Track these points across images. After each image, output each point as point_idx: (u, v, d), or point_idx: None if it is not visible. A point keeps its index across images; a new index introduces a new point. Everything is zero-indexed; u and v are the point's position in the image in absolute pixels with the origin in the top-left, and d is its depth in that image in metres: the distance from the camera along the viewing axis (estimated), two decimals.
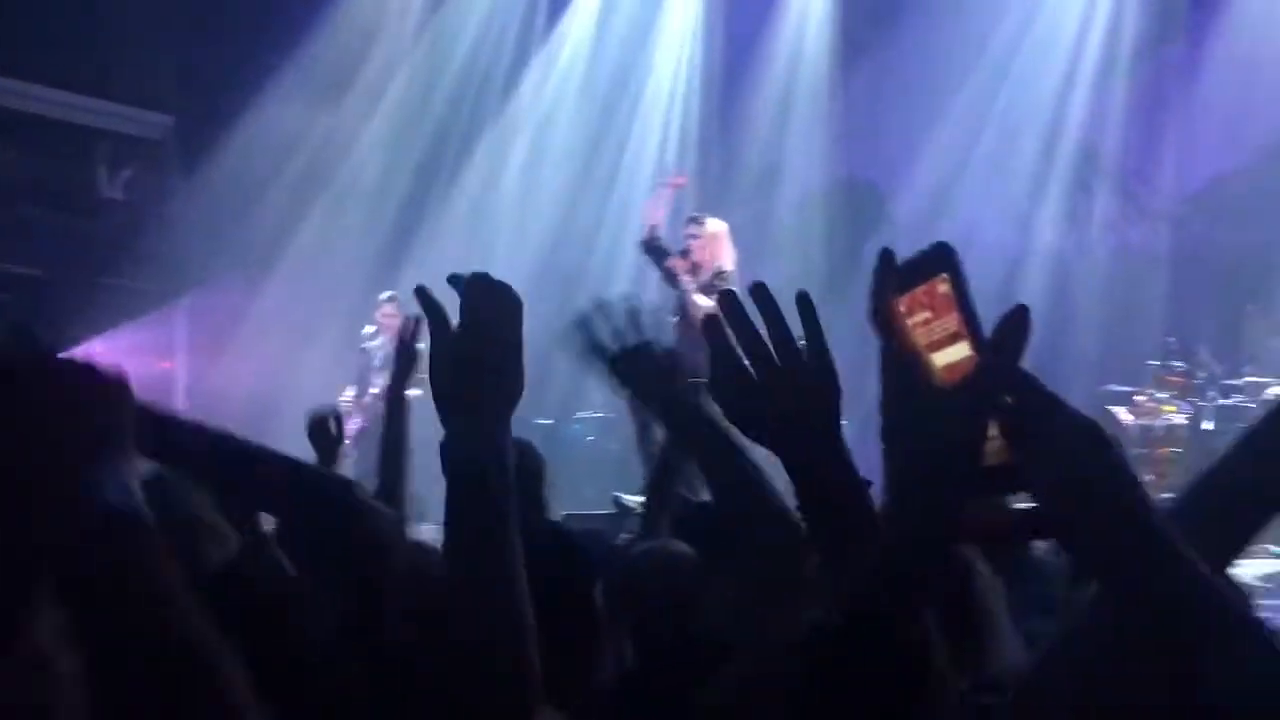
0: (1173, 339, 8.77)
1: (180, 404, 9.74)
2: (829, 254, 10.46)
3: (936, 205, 10.09)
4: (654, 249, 7.19)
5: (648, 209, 7.45)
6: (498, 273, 1.41)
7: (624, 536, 3.31)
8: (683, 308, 6.84)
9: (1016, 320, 1.00)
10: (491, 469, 1.32)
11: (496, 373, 1.35)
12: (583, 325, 1.90)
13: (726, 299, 1.14)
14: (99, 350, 9.22)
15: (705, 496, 2.23)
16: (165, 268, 9.77)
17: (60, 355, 1.11)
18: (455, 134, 10.77)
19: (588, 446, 9.11)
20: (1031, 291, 9.74)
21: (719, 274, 6.84)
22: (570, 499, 5.88)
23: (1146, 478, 8.10)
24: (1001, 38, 10.02)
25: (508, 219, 10.79)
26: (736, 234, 9.67)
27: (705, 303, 6.65)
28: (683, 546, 2.27)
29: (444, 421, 1.35)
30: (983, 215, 10.09)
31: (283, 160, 10.20)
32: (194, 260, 9.91)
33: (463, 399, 1.34)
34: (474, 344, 1.35)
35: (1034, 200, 10.05)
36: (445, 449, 1.34)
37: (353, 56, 10.54)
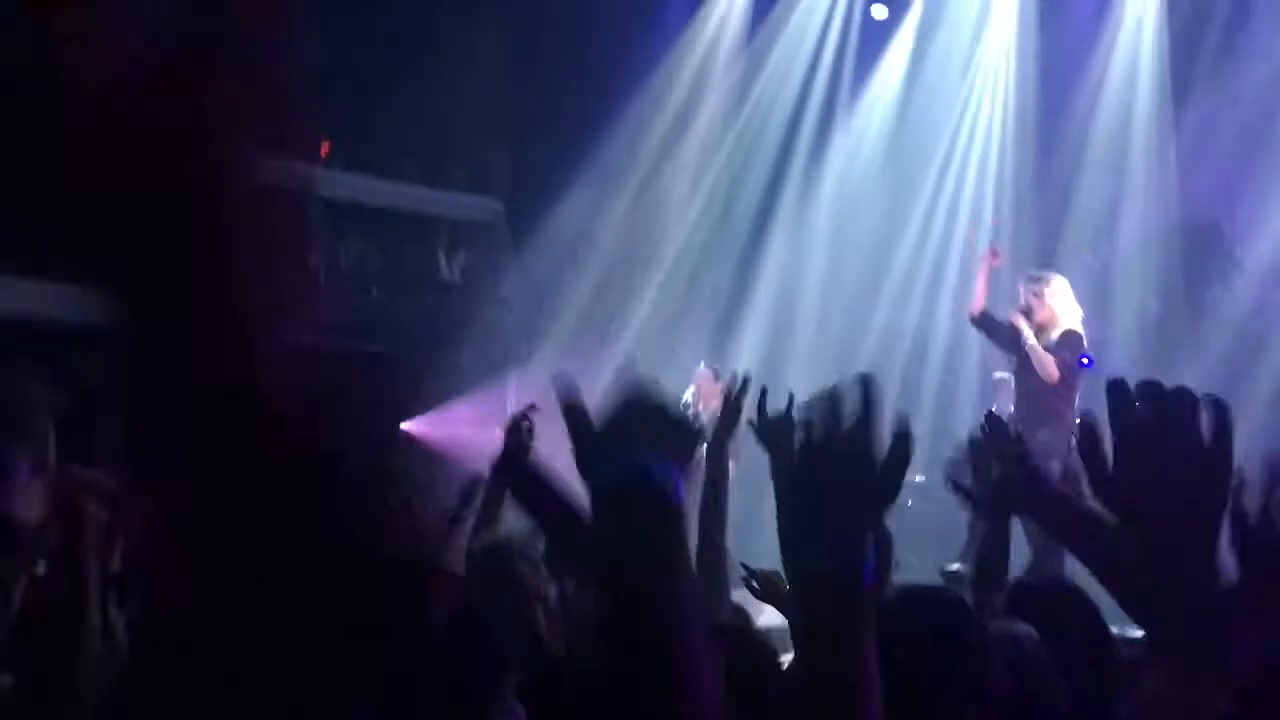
0: None
1: None
2: (1168, 303, 9.79)
3: None
4: (986, 322, 7.13)
5: (977, 288, 7.27)
6: (802, 335, 1.38)
7: None
8: (1024, 368, 6.67)
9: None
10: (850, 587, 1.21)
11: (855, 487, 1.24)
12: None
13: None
14: (441, 418, 9.90)
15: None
16: (497, 344, 10.37)
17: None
18: (766, 211, 10.91)
19: (907, 512, 8.87)
20: None
21: (1066, 333, 6.68)
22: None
23: None
24: None
25: (815, 276, 10.77)
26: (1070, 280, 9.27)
27: (1050, 364, 6.50)
28: (1027, 628, 2.16)
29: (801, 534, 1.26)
30: None
31: (600, 242, 10.66)
32: (522, 335, 10.48)
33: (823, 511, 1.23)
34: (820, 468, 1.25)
35: None
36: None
37: (668, 142, 10.91)
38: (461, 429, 9.98)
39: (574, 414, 1.35)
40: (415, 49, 9.99)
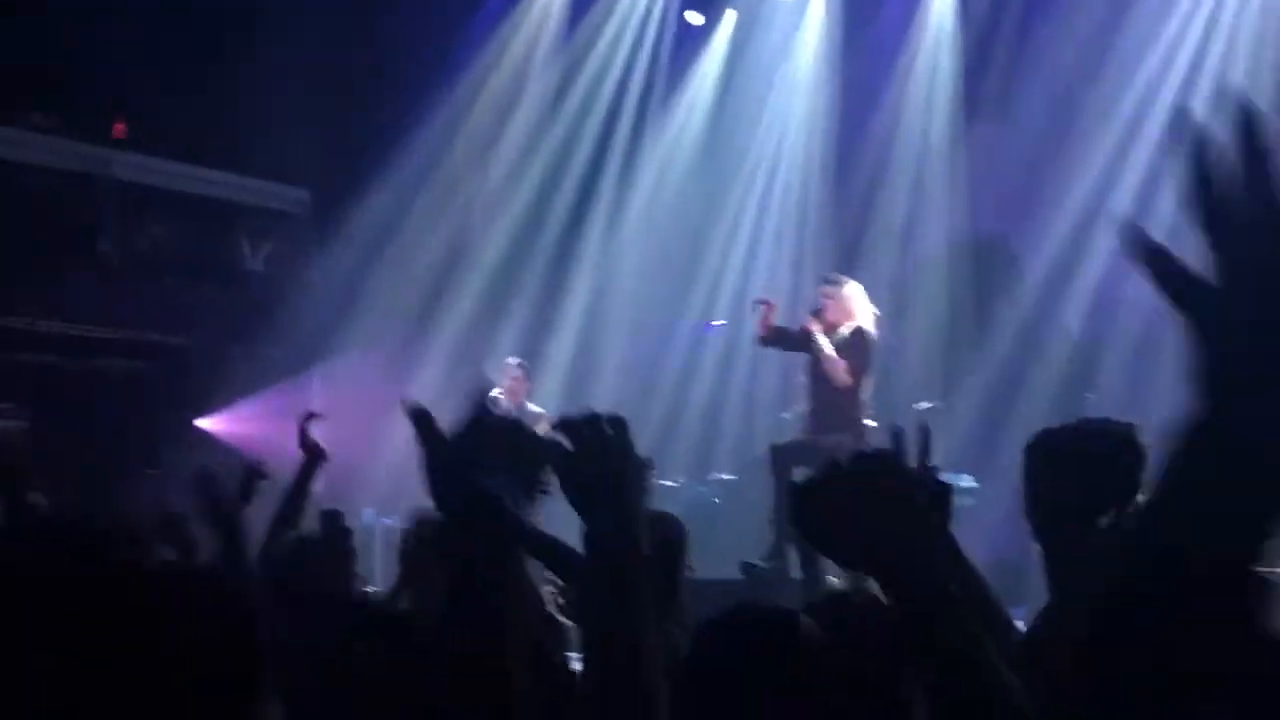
0: None
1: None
2: (958, 313, 10.31)
3: (1070, 261, 9.85)
4: (775, 336, 7.14)
5: (758, 324, 7.22)
6: (613, 335, 1.45)
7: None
8: (816, 372, 6.82)
9: None
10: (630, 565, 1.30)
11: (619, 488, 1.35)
12: None
13: None
14: (240, 414, 9.57)
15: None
16: (301, 336, 10.10)
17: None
18: (581, 211, 10.96)
19: (713, 509, 9.08)
20: (1171, 346, 9.43)
21: (856, 331, 6.79)
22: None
23: None
24: (1136, 90, 9.78)
25: (625, 279, 10.89)
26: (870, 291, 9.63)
27: (840, 368, 6.63)
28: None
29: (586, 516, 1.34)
30: (1119, 272, 9.81)
31: (409, 233, 10.51)
32: (328, 329, 10.23)
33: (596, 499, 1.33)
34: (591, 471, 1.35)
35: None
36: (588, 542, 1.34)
37: (484, 136, 10.84)
38: (262, 425, 9.67)
39: (425, 430, 1.39)
40: (223, 31, 9.64)
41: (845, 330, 6.79)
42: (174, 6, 9.48)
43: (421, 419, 1.39)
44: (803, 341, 6.96)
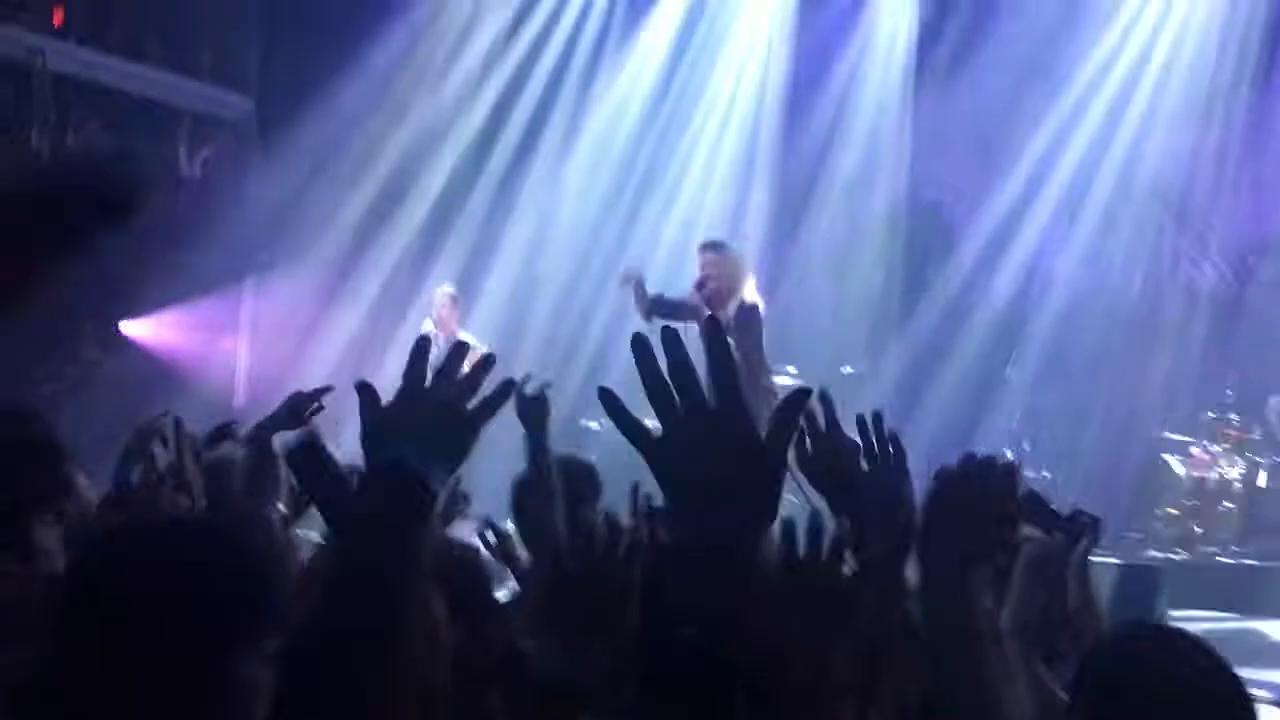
0: (1230, 392, 8.64)
1: (240, 383, 9.94)
2: (894, 277, 10.46)
3: (1004, 236, 10.03)
4: (661, 308, 6.76)
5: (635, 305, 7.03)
6: (552, 271, 1.53)
7: None
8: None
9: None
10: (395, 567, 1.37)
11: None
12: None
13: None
14: (167, 321, 9.44)
15: None
16: (235, 248, 9.95)
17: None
18: (528, 138, 10.87)
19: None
20: (1096, 328, 9.66)
21: (742, 308, 6.50)
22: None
23: (1196, 530, 8.05)
24: (1081, 76, 9.93)
25: (570, 218, 10.86)
26: (803, 252, 9.73)
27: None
28: None
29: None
30: (1051, 248, 10.02)
31: (356, 151, 10.37)
32: (263, 242, 10.10)
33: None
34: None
35: (1104, 236, 9.95)
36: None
37: (436, 61, 10.67)
38: (189, 335, 9.55)
39: (365, 395, 1.47)
40: None
41: (731, 309, 6.45)
42: None
43: (365, 392, 1.47)
44: (691, 313, 6.48)
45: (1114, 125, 9.86)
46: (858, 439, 2.00)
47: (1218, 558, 8.04)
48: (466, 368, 1.53)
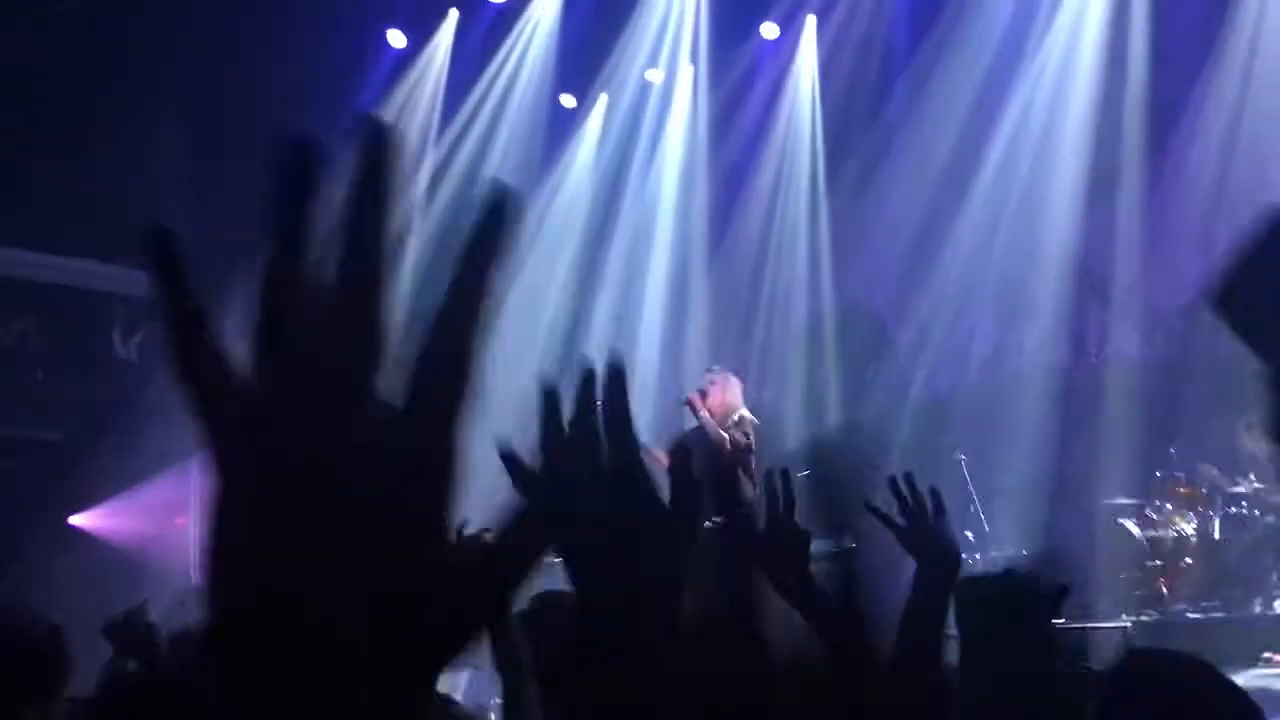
0: (1174, 450, 8.82)
1: (193, 560, 9.79)
2: (825, 379, 10.65)
3: (933, 325, 10.28)
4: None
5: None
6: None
7: None
8: (705, 438, 7.13)
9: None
10: None
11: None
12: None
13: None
14: (117, 509, 9.32)
15: None
16: (178, 426, 9.89)
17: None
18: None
19: None
20: (1037, 404, 9.86)
21: (743, 418, 7.32)
22: None
23: (1161, 590, 8.12)
24: (993, 155, 10.31)
25: (504, 360, 10.94)
26: (746, 360, 9.98)
27: (721, 434, 7.00)
28: None
29: None
30: (980, 333, 10.28)
31: None
32: None
33: None
34: None
35: (1030, 317, 10.23)
36: None
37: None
38: (140, 520, 9.43)
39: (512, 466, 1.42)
40: (93, 121, 9.55)
41: (734, 417, 7.31)
42: (40, 94, 9.36)
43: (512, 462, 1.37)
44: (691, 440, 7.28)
45: (1025, 209, 10.22)
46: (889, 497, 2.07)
47: (1187, 614, 8.12)
48: None
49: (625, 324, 11.12)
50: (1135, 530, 8.50)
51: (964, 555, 2.00)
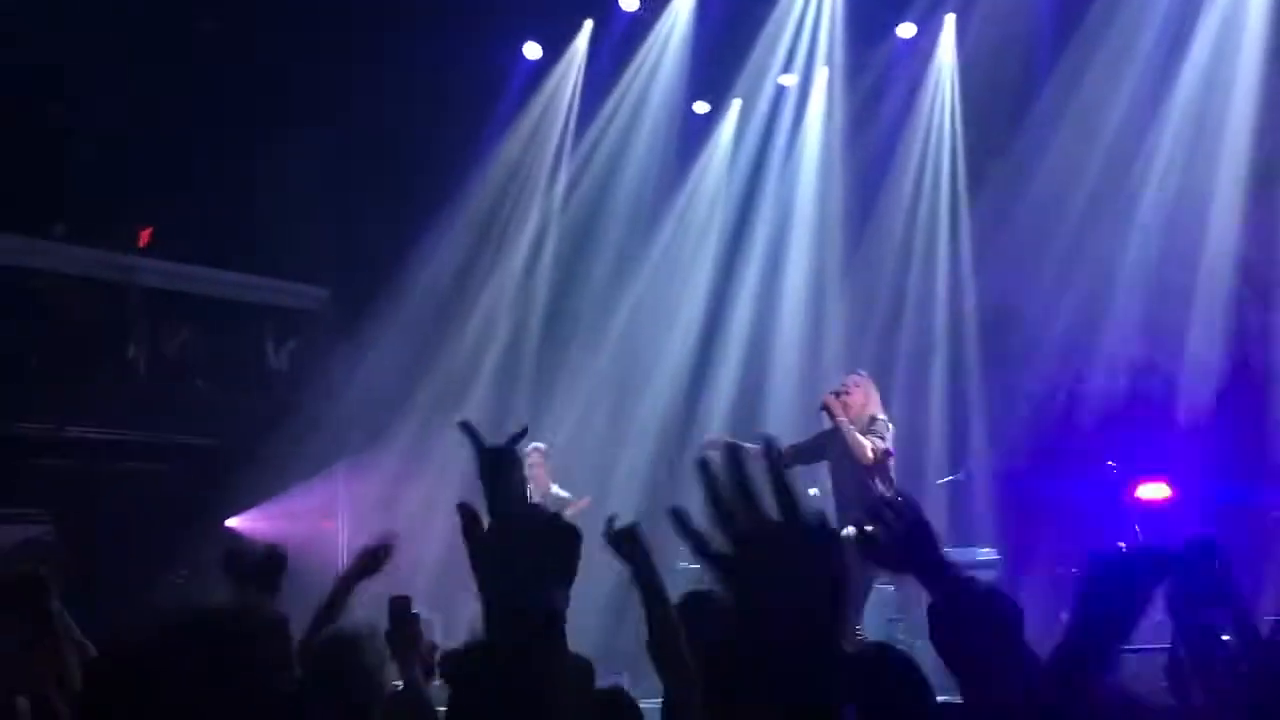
0: None
1: (341, 560, 10.07)
2: (969, 383, 10.39)
3: (1083, 328, 9.93)
4: (793, 459, 7.13)
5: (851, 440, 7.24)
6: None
7: None
8: (837, 441, 7.01)
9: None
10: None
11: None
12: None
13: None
14: (269, 512, 9.67)
15: None
16: (326, 433, 10.22)
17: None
18: (594, 295, 11.12)
19: None
20: (1193, 411, 9.44)
21: (872, 419, 7.11)
22: None
23: None
24: (1147, 153, 9.92)
25: (648, 370, 11.02)
26: (882, 368, 9.79)
27: (862, 440, 6.83)
28: None
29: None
30: (1131, 333, 9.88)
31: (429, 326, 10.68)
32: (353, 423, 10.36)
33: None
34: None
35: (1184, 315, 9.78)
36: None
37: (500, 229, 11.08)
38: (291, 524, 9.75)
39: (469, 524, 1.51)
40: (242, 137, 9.93)
41: (865, 417, 7.11)
42: (196, 115, 9.77)
43: (469, 518, 1.50)
44: (818, 444, 7.22)
45: (1182, 208, 9.77)
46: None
47: None
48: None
49: (762, 328, 11.06)
50: None
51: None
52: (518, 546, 1.47)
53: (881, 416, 7.16)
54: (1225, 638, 1.89)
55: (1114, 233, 9.91)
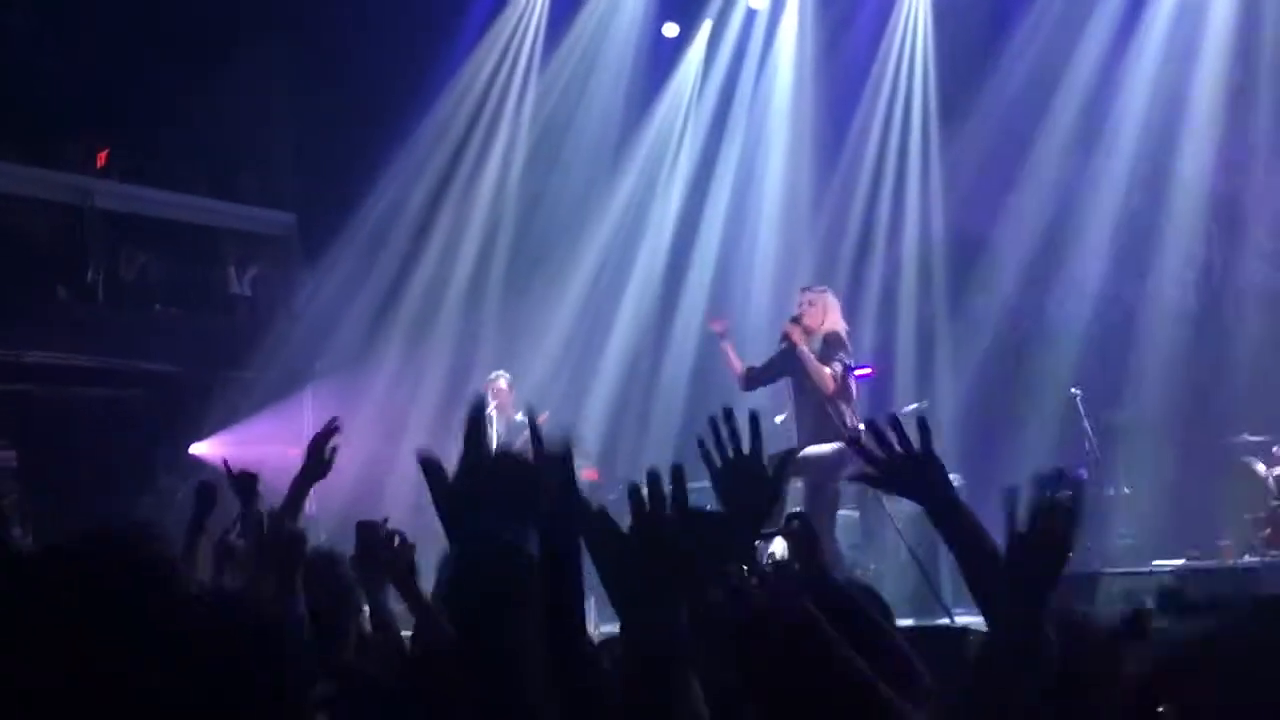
0: None
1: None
2: (936, 311, 10.42)
3: (1049, 257, 9.95)
4: (757, 376, 7.16)
5: (730, 362, 7.20)
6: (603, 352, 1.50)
7: None
8: (799, 367, 6.87)
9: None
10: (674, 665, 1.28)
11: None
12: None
13: None
14: (233, 438, 9.60)
15: None
16: (291, 359, 10.12)
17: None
18: (571, 233, 11.00)
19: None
20: (1156, 343, 9.50)
21: (830, 334, 6.87)
22: None
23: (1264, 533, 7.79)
24: (1116, 80, 9.86)
25: (618, 292, 10.96)
26: (851, 294, 9.74)
27: (823, 369, 6.71)
28: None
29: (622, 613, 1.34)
30: (1096, 266, 9.90)
31: (396, 253, 10.55)
32: (317, 351, 10.26)
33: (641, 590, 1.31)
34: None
35: (1152, 248, 9.80)
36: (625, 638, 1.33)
37: (465, 156, 10.89)
38: (256, 449, 9.68)
39: (432, 474, 1.45)
40: (202, 60, 9.69)
41: (819, 337, 6.86)
42: (154, 36, 9.52)
43: (431, 468, 1.45)
44: (781, 364, 7.01)
45: (1150, 135, 9.75)
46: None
47: None
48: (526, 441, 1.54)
49: (732, 257, 11.01)
50: (1261, 469, 8.19)
51: (1080, 488, 1.85)
52: (487, 494, 1.41)
53: (841, 330, 6.93)
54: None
55: (1080, 160, 9.89)
